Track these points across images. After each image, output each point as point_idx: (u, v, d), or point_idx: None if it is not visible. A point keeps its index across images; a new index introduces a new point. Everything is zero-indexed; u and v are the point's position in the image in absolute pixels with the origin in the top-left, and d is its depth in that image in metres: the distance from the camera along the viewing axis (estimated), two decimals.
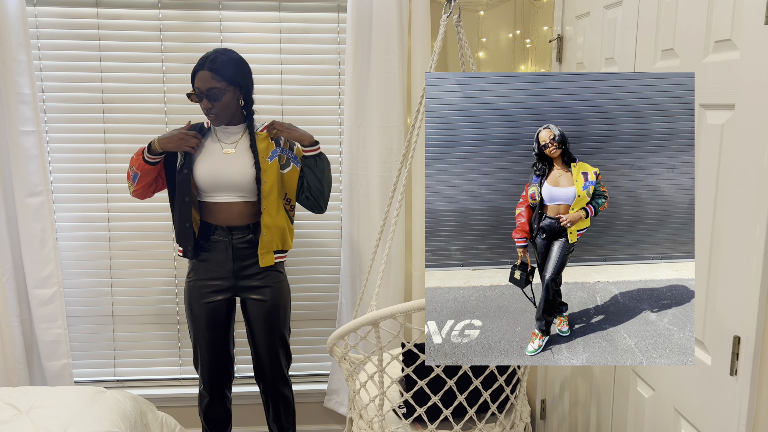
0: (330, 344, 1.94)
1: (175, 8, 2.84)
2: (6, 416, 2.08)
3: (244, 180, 2.36)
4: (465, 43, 2.08)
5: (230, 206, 2.39)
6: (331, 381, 3.05)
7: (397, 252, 2.84)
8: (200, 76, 2.28)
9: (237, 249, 2.41)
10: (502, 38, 2.93)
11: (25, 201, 2.69)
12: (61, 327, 2.82)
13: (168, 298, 3.04)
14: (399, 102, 2.74)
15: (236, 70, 2.32)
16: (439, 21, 2.49)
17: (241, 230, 2.41)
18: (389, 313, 1.66)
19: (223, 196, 2.38)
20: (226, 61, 2.30)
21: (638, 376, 1.91)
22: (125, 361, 3.07)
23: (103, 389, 2.34)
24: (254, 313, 2.49)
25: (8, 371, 2.76)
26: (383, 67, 2.71)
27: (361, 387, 1.90)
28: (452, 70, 2.92)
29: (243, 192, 2.38)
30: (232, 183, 2.36)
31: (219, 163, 2.36)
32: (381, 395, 1.83)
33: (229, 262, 2.42)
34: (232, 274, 2.44)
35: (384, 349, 1.76)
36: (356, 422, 1.97)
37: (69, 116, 2.88)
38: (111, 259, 2.98)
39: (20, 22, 2.59)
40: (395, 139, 2.77)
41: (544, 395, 2.78)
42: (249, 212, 2.41)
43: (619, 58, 2.00)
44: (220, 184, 2.36)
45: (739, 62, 1.37)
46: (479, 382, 1.76)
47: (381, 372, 1.79)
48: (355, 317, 2.22)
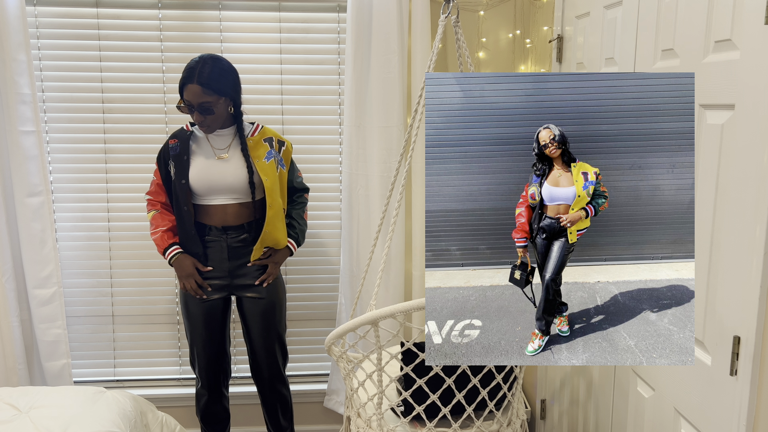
0: (328, 343, 1.95)
1: (175, 8, 2.84)
2: (6, 416, 2.08)
3: (238, 183, 2.38)
4: (463, 43, 2.08)
5: (225, 208, 2.41)
6: (331, 381, 3.05)
7: (396, 252, 2.84)
8: (190, 89, 2.25)
9: (232, 248, 2.44)
10: (502, 38, 2.93)
11: (25, 201, 2.69)
12: (61, 327, 2.82)
13: (168, 298, 3.04)
14: (399, 102, 2.74)
15: (225, 81, 2.30)
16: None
17: (236, 230, 2.43)
18: (389, 312, 1.66)
19: (218, 198, 2.40)
20: (215, 73, 2.26)
21: (638, 376, 1.91)
22: (125, 361, 3.07)
23: (103, 389, 2.34)
24: (250, 310, 2.51)
25: (8, 371, 2.76)
26: (383, 67, 2.71)
27: (360, 386, 1.91)
28: (452, 70, 2.91)
29: (237, 194, 2.41)
30: (227, 186, 2.38)
31: (213, 169, 2.37)
32: (380, 394, 1.83)
33: (225, 261, 2.44)
34: (228, 273, 2.46)
35: (383, 348, 1.77)
36: (354, 421, 1.98)
37: (69, 116, 2.88)
38: (111, 259, 2.98)
39: (20, 22, 2.59)
40: (395, 139, 2.77)
41: (544, 395, 2.78)
42: (243, 212, 2.43)
43: (619, 58, 2.00)
44: (214, 188, 2.38)
45: (739, 62, 1.37)
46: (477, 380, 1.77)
47: (380, 371, 1.80)
48: (352, 317, 2.23)
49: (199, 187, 2.38)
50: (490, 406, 1.84)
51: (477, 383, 1.77)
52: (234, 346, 3.05)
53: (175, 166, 2.39)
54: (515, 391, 1.94)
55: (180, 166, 2.38)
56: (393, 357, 1.80)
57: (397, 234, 2.78)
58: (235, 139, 2.42)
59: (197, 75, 2.23)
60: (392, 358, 1.80)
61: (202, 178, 2.37)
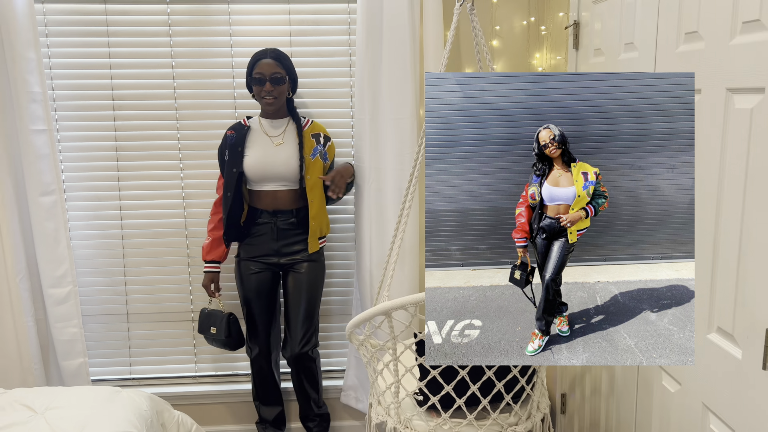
0: (348, 331, 2.00)
1: (183, 2, 2.81)
2: (21, 417, 2.07)
3: (289, 171, 2.62)
4: (479, 31, 2.04)
5: (275, 194, 2.66)
6: (348, 377, 3.03)
7: (411, 245, 2.79)
8: (264, 63, 2.56)
9: (281, 230, 2.69)
10: (516, 26, 2.87)
11: (38, 200, 2.68)
12: (77, 326, 2.82)
13: (182, 295, 3.02)
14: (411, 93, 2.69)
15: (290, 63, 2.64)
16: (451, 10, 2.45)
17: (285, 214, 2.68)
18: (401, 303, 1.72)
19: (270, 185, 2.64)
20: (282, 54, 2.62)
21: (663, 370, 1.86)
22: (141, 359, 3.07)
23: (119, 389, 2.32)
24: (292, 285, 2.74)
25: (24, 371, 2.76)
26: (395, 59, 2.66)
27: (378, 375, 1.96)
28: (465, 60, 2.86)
29: (287, 181, 2.64)
30: (278, 174, 2.62)
31: (268, 158, 2.61)
32: (396, 383, 1.88)
33: (274, 242, 2.69)
34: (275, 252, 2.70)
35: (398, 338, 1.81)
36: (374, 408, 2.03)
37: (79, 114, 2.87)
38: (124, 257, 2.97)
39: (29, 20, 2.57)
40: (408, 131, 2.72)
41: (564, 389, 2.73)
42: (292, 198, 2.67)
43: (639, 43, 1.94)
44: (267, 176, 2.63)
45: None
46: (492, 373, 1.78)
47: (396, 361, 1.84)
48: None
49: (254, 174, 2.62)
50: (507, 398, 1.85)
51: (492, 375, 1.78)
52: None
53: (229, 155, 2.64)
54: (536, 384, 1.93)
55: (234, 155, 2.62)
56: (407, 348, 1.82)
57: (410, 227, 2.75)
58: (289, 127, 2.68)
59: (269, 52, 2.59)
60: (406, 349, 1.83)
61: (257, 165, 2.61)
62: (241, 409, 3.08)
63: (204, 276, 2.77)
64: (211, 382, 3.10)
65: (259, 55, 2.60)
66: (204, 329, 2.76)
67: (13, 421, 2.04)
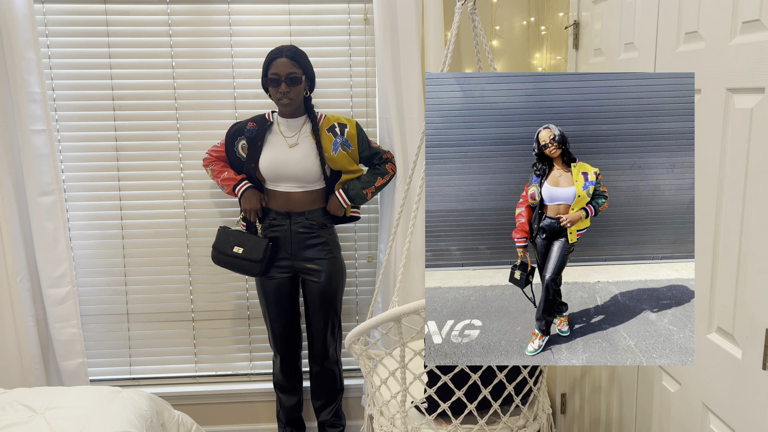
0: (348, 342, 1.92)
1: (183, 2, 2.81)
2: (21, 417, 2.07)
3: (302, 172, 2.55)
4: (480, 31, 2.03)
5: (288, 195, 2.60)
6: None
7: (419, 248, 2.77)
8: (279, 62, 2.46)
9: (295, 233, 2.62)
10: (516, 26, 2.87)
11: (38, 200, 2.68)
12: (76, 326, 2.81)
13: (182, 295, 3.02)
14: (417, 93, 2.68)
15: (306, 61, 2.54)
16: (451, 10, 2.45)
17: (298, 216, 2.61)
18: (412, 308, 1.66)
19: (283, 185, 2.59)
20: (299, 52, 2.52)
21: (663, 370, 1.86)
22: (141, 359, 3.07)
23: (119, 389, 2.32)
24: (310, 290, 2.67)
25: (24, 371, 2.76)
26: (410, 59, 2.65)
27: (382, 383, 1.88)
28: (465, 60, 2.86)
29: (301, 182, 2.58)
30: (291, 175, 2.56)
31: (282, 158, 2.55)
32: (403, 391, 1.81)
33: (288, 244, 2.63)
34: (291, 255, 2.64)
35: (406, 345, 1.74)
36: (377, 419, 1.95)
37: (79, 114, 2.86)
38: (124, 257, 2.97)
39: (28, 20, 2.57)
40: (415, 130, 2.71)
41: (564, 389, 2.73)
42: (306, 200, 2.61)
43: (639, 43, 1.94)
44: (281, 175, 2.57)
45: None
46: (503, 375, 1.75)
47: (403, 368, 1.78)
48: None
49: (268, 172, 2.58)
50: (517, 401, 1.82)
51: (503, 378, 1.75)
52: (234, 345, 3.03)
53: (248, 148, 2.60)
54: (540, 385, 1.92)
55: (253, 149, 2.59)
56: (417, 354, 1.76)
57: (417, 229, 2.73)
58: (304, 127, 2.60)
59: (285, 50, 2.48)
60: (416, 355, 1.77)
61: (271, 164, 2.55)
62: (241, 409, 3.08)
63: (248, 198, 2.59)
64: (211, 382, 3.09)
65: (274, 53, 2.49)
66: (223, 246, 2.61)
67: (13, 421, 2.04)
